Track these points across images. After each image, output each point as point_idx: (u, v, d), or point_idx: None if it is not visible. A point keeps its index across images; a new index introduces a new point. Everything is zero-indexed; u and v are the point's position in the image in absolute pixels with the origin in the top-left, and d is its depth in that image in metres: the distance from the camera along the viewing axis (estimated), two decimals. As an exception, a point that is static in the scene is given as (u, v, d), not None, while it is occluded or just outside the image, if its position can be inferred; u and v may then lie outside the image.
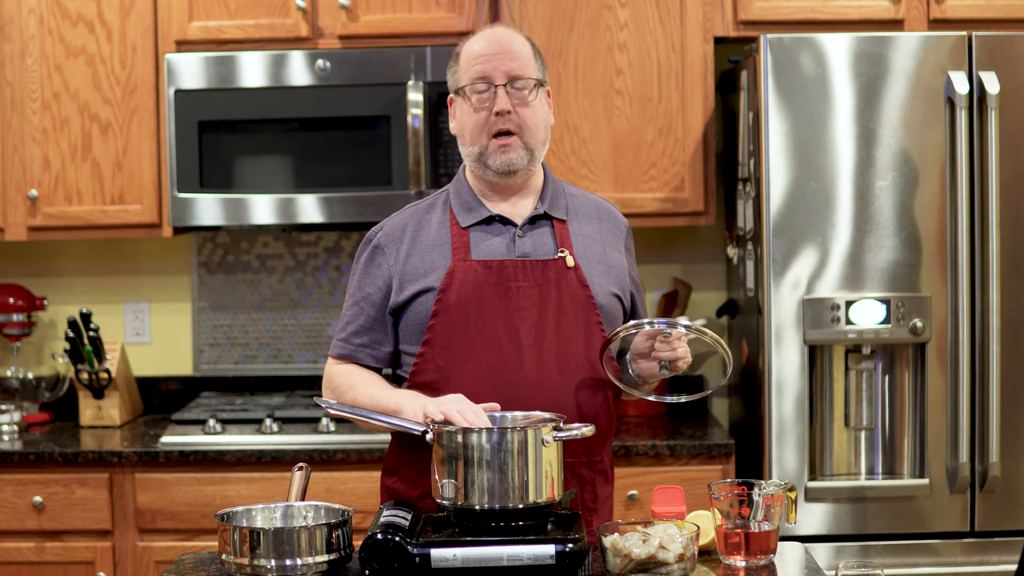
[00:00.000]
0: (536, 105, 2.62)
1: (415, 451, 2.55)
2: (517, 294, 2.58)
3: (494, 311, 2.57)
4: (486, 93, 2.60)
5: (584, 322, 2.60)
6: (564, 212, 2.68)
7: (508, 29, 2.68)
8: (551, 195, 2.68)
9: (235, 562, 2.27)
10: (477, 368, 2.56)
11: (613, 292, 2.66)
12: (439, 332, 2.58)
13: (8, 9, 3.92)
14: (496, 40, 2.63)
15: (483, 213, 2.64)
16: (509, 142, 2.60)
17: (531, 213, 2.65)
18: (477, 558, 2.22)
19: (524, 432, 2.29)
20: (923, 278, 3.50)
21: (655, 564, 2.22)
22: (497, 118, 2.59)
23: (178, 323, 4.34)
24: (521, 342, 2.56)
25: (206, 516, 3.65)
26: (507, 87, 2.59)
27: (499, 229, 2.64)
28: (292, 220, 3.86)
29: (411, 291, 2.61)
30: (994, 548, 3.53)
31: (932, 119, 3.48)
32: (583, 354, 2.59)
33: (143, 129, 3.94)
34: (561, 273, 2.60)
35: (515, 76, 2.60)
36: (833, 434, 3.59)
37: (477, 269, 2.58)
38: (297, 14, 3.89)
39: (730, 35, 3.87)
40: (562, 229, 2.65)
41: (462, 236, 2.62)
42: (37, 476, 3.71)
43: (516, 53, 2.61)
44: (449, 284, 2.58)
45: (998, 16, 3.81)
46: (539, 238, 2.63)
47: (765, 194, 3.50)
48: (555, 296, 2.58)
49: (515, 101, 2.59)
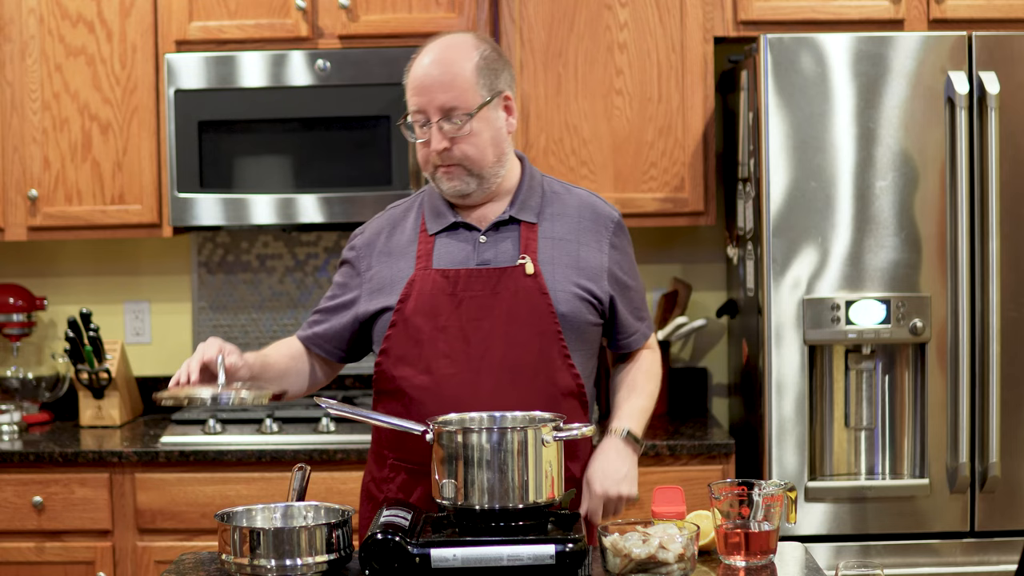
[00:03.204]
0: (478, 131, 2.53)
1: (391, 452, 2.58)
2: (471, 304, 2.55)
3: (448, 322, 2.55)
4: (424, 127, 2.54)
5: (540, 332, 2.56)
6: (535, 214, 2.62)
7: (452, 44, 2.57)
8: (523, 196, 2.62)
9: (235, 562, 2.27)
10: (431, 380, 2.54)
11: (582, 296, 2.60)
12: (394, 343, 2.58)
13: (8, 9, 3.92)
14: (435, 64, 2.53)
15: (448, 220, 2.61)
16: (452, 171, 2.55)
17: (496, 218, 2.60)
18: (477, 558, 2.22)
19: (524, 432, 2.29)
20: (923, 278, 3.50)
21: (655, 564, 2.22)
22: (436, 154, 2.53)
23: (178, 323, 4.34)
24: (472, 353, 2.54)
25: (206, 516, 3.65)
26: (441, 123, 2.52)
27: (464, 235, 2.60)
28: (292, 220, 3.87)
29: (376, 306, 2.62)
30: (994, 548, 3.53)
31: (932, 119, 3.48)
32: (537, 364, 2.55)
33: (143, 129, 3.94)
34: (518, 281, 2.56)
35: (449, 109, 2.51)
36: (833, 434, 3.59)
37: (436, 278, 2.56)
38: (297, 14, 3.89)
39: (730, 35, 3.87)
40: (529, 233, 2.60)
41: (427, 244, 2.60)
42: (37, 476, 3.71)
43: (452, 82, 2.51)
44: (408, 294, 2.57)
45: (998, 16, 3.81)
46: (503, 244, 2.59)
47: (765, 194, 3.51)
48: (509, 305, 2.55)
49: (452, 135, 2.52)
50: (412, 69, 2.57)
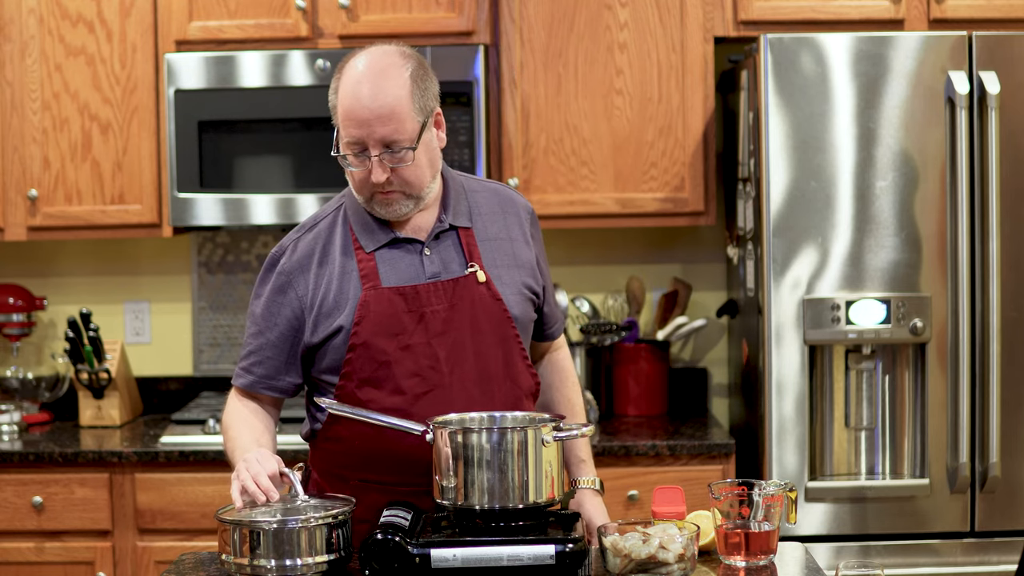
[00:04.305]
0: (417, 158, 2.45)
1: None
2: (433, 319, 2.50)
3: (412, 340, 2.49)
4: (362, 156, 2.44)
5: (501, 339, 2.54)
6: (468, 218, 2.58)
7: (382, 68, 2.43)
8: (453, 202, 2.57)
9: (235, 562, 2.27)
10: (402, 400, 2.49)
11: (526, 295, 2.58)
12: (356, 367, 2.50)
13: (8, 9, 3.92)
14: (370, 95, 2.40)
15: (387, 235, 2.53)
16: (391, 197, 2.48)
17: (434, 228, 2.55)
18: (477, 558, 2.22)
19: (524, 432, 2.29)
20: (923, 278, 3.50)
21: (655, 564, 2.22)
22: (375, 183, 2.46)
23: (178, 323, 4.34)
24: (442, 368, 2.50)
25: (206, 516, 3.65)
26: (382, 156, 2.42)
27: (406, 248, 2.53)
28: (292, 220, 3.86)
29: (325, 332, 2.52)
30: (994, 548, 3.53)
31: (932, 119, 3.48)
32: (503, 371, 2.54)
33: (143, 129, 3.94)
34: (473, 290, 2.52)
35: (391, 142, 2.42)
36: (833, 434, 3.59)
37: (390, 297, 2.49)
38: (297, 14, 3.89)
39: (730, 35, 3.87)
40: (468, 238, 2.56)
41: (368, 261, 2.52)
42: (37, 476, 3.71)
43: (391, 114, 2.40)
44: (364, 316, 2.48)
45: (998, 16, 3.81)
46: (446, 253, 2.55)
47: (765, 194, 3.50)
48: (469, 316, 2.52)
49: (392, 164, 2.44)
50: (343, 95, 2.44)
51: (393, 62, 2.45)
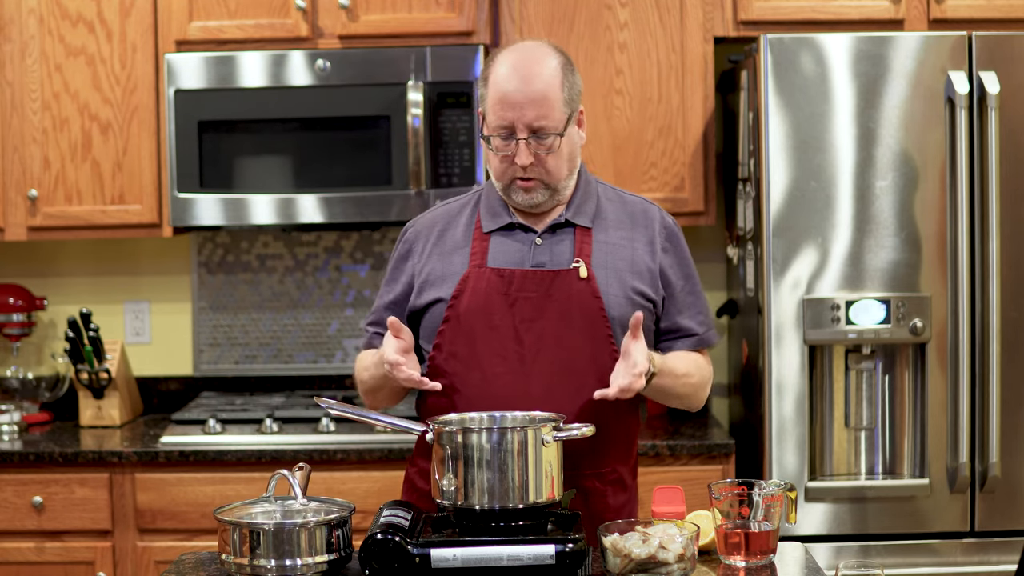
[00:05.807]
0: (562, 147, 2.56)
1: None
2: (524, 304, 2.57)
3: (501, 321, 2.57)
4: (508, 140, 2.55)
5: (592, 335, 2.57)
6: (590, 219, 2.64)
7: (536, 54, 2.56)
8: (579, 201, 2.64)
9: (235, 562, 2.27)
10: (481, 377, 2.56)
11: (635, 299, 2.60)
12: (447, 339, 2.59)
13: (8, 9, 3.92)
14: (524, 78, 2.52)
15: (505, 219, 2.63)
16: (531, 185, 2.57)
17: (552, 221, 2.63)
18: (477, 558, 2.22)
19: (524, 432, 2.29)
20: (923, 278, 3.50)
21: (655, 564, 2.22)
22: (518, 167, 2.55)
23: (178, 323, 4.34)
24: (525, 354, 2.56)
25: (206, 516, 3.65)
26: (529, 140, 2.53)
27: (520, 236, 2.62)
28: (292, 220, 3.87)
29: (427, 299, 2.63)
30: (994, 548, 3.53)
31: (932, 119, 3.48)
32: (589, 367, 2.56)
33: (143, 129, 3.94)
34: (572, 284, 2.57)
35: (538, 128, 2.53)
36: (833, 434, 3.59)
37: (490, 277, 2.59)
38: (297, 14, 3.89)
39: (730, 35, 3.87)
40: (584, 237, 2.62)
41: (483, 241, 2.62)
42: (37, 476, 3.71)
43: (543, 98, 2.52)
44: (462, 291, 2.59)
45: (998, 16, 3.81)
46: (558, 247, 2.61)
47: (765, 194, 3.51)
48: (563, 308, 2.57)
49: (537, 151, 2.54)
50: (496, 79, 2.55)
51: (546, 52, 2.58)
